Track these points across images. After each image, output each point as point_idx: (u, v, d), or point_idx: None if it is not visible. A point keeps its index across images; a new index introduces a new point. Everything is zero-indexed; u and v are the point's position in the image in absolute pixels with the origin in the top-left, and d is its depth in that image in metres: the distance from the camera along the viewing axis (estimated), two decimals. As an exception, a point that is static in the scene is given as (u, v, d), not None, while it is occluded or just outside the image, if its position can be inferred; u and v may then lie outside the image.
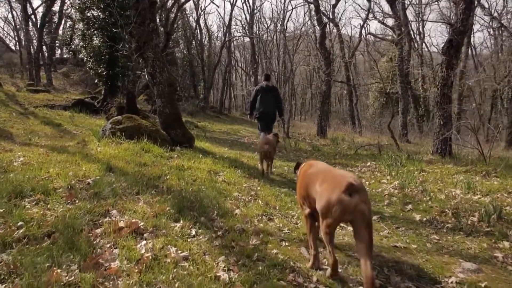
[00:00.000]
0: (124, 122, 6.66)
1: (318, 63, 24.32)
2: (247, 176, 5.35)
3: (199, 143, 8.63)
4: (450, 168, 7.23)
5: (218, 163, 5.84)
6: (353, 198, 2.19)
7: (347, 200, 2.18)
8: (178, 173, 4.62)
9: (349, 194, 2.20)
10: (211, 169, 5.23)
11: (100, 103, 15.93)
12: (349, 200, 2.18)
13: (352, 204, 2.17)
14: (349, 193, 2.20)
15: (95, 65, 15.41)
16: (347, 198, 2.18)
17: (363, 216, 2.18)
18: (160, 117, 7.22)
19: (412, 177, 6.27)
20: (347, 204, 2.18)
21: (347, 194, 2.20)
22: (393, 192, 5.44)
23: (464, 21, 9.17)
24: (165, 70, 7.04)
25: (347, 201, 2.18)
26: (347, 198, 2.18)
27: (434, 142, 9.86)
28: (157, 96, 7.11)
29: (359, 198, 2.20)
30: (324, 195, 2.31)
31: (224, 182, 4.69)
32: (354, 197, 2.19)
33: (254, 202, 3.99)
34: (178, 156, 6.06)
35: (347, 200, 2.18)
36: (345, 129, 22.92)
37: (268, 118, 8.30)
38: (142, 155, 5.58)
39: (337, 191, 2.22)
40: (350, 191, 2.20)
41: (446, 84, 9.44)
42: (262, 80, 8.84)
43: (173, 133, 7.15)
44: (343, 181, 2.26)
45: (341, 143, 13.28)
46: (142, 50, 6.84)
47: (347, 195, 2.19)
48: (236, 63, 45.40)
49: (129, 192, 3.57)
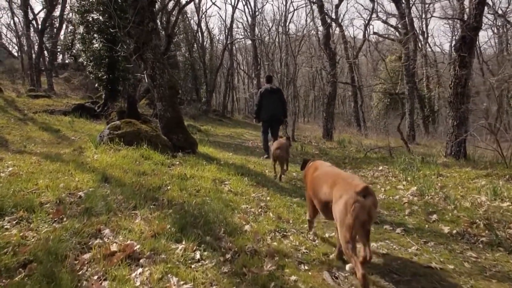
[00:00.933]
0: (122, 128, 6.29)
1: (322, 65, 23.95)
2: (255, 184, 4.95)
3: (202, 148, 8.25)
4: (469, 172, 6.80)
5: (223, 170, 5.44)
6: (367, 200, 2.30)
7: (363, 201, 2.28)
8: (180, 183, 4.22)
9: (364, 196, 2.30)
10: (216, 178, 4.83)
11: (100, 108, 15.62)
12: (364, 201, 2.28)
13: (367, 204, 2.28)
14: (363, 195, 2.30)
15: (95, 69, 15.10)
16: (363, 200, 2.29)
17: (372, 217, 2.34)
18: (161, 121, 6.84)
19: (430, 182, 5.86)
20: (364, 205, 2.27)
21: (361, 196, 2.29)
22: (412, 199, 5.02)
23: (477, 16, 8.78)
24: (166, 72, 6.66)
25: (363, 202, 2.28)
26: (363, 200, 2.28)
27: (447, 143, 9.44)
28: (158, 99, 6.73)
29: (372, 199, 2.33)
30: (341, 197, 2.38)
31: (231, 192, 4.30)
32: (368, 199, 2.31)
33: (265, 215, 3.59)
34: (180, 163, 5.67)
35: (363, 201, 2.28)
36: (350, 131, 22.49)
37: (275, 121, 8.24)
38: (142, 163, 5.19)
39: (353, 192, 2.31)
40: (365, 193, 2.31)
41: (460, 83, 9.03)
42: (264, 82, 8.80)
43: (174, 138, 6.77)
44: (358, 184, 2.36)
45: (348, 146, 12.87)
46: (141, 51, 6.47)
47: (362, 197, 2.29)
48: (238, 66, 45.12)
49: (125, 207, 3.18)
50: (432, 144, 16.90)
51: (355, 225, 2.25)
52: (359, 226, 2.26)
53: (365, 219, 2.27)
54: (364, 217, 2.26)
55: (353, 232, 2.27)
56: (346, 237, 2.27)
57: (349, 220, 2.26)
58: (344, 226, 2.29)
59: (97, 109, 15.59)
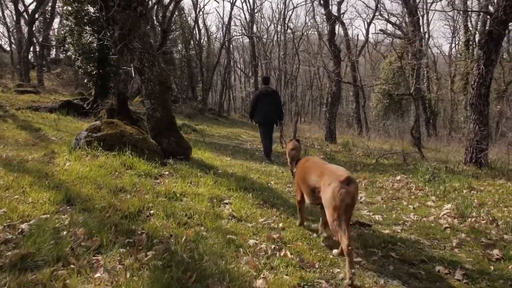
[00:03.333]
0: (103, 129, 5.32)
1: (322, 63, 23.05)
2: (261, 203, 4.00)
3: (197, 152, 7.29)
4: (505, 186, 5.92)
5: (221, 183, 4.50)
6: (350, 187, 2.63)
7: (347, 188, 2.62)
8: (166, 205, 3.27)
9: (347, 184, 2.63)
10: (213, 195, 3.87)
11: (90, 105, 14.61)
12: (348, 188, 2.62)
13: (351, 191, 2.63)
14: (347, 183, 2.63)
15: (84, 63, 14.07)
16: (347, 187, 2.62)
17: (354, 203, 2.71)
18: (149, 122, 5.87)
19: (465, 199, 4.96)
20: (348, 191, 2.61)
21: (346, 184, 2.62)
22: (452, 222, 4.11)
23: (507, 8, 7.89)
24: (156, 64, 5.70)
25: (347, 189, 2.61)
26: (347, 187, 2.62)
27: (467, 150, 8.57)
28: (146, 96, 5.77)
29: (354, 186, 2.67)
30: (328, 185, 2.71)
31: (233, 217, 3.34)
32: (351, 186, 2.64)
33: (280, 254, 2.65)
34: (169, 174, 4.72)
35: (347, 188, 2.62)
36: (351, 132, 21.63)
37: (270, 123, 8.26)
38: (122, 174, 4.24)
39: (338, 181, 2.64)
40: (348, 182, 2.64)
41: (484, 83, 8.16)
42: (261, 83, 8.82)
43: (165, 142, 5.81)
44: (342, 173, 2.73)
45: (354, 149, 11.96)
46: (127, 40, 5.50)
47: (346, 185, 2.62)
48: (235, 64, 44.10)
49: (85, 248, 2.23)
50: (439, 147, 16.06)
51: (341, 206, 2.61)
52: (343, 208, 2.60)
53: (349, 202, 2.63)
54: (348, 200, 2.63)
55: (339, 212, 2.60)
56: (333, 217, 2.63)
57: (336, 203, 2.62)
58: (332, 208, 2.65)
59: (86, 106, 14.60)
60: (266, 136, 8.30)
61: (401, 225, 4.05)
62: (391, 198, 5.27)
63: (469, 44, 25.50)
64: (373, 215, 4.36)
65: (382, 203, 5.03)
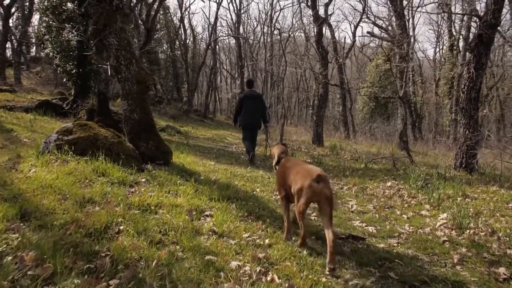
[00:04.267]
0: (75, 132, 4.90)
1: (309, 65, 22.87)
2: (246, 215, 3.64)
3: (180, 156, 6.91)
4: (498, 193, 5.72)
5: (203, 192, 4.13)
6: (319, 184, 2.82)
7: (315, 185, 2.82)
8: (139, 220, 2.88)
9: (317, 182, 2.82)
10: (192, 206, 3.49)
11: (69, 105, 14.02)
12: (316, 185, 2.82)
13: (319, 188, 2.82)
14: (317, 181, 2.82)
15: (63, 62, 13.49)
16: (316, 184, 2.82)
17: (326, 197, 2.86)
18: (127, 124, 5.47)
19: (460, 207, 4.72)
20: (315, 188, 2.82)
21: (315, 181, 2.82)
22: (450, 234, 3.85)
23: (496, 12, 7.78)
24: (134, 62, 5.30)
25: (315, 186, 2.82)
26: (315, 184, 2.82)
27: (457, 154, 8.41)
28: (123, 96, 5.37)
29: (324, 184, 2.85)
30: (299, 182, 2.94)
31: (214, 233, 2.98)
32: (320, 184, 2.83)
33: (267, 279, 2.30)
34: (146, 181, 4.33)
35: (315, 185, 2.82)
36: (338, 135, 21.49)
37: (253, 127, 8.25)
38: (93, 182, 3.84)
39: (309, 179, 2.85)
40: (318, 180, 2.83)
41: (474, 87, 8.00)
42: (245, 87, 8.82)
43: (143, 146, 5.42)
44: (313, 172, 2.91)
45: (342, 153, 11.72)
46: (101, 36, 5.10)
47: (315, 182, 2.82)
48: (221, 66, 43.69)
49: (30, 280, 1.85)
50: (425, 151, 15.96)
51: (307, 202, 2.85)
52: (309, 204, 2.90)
53: (317, 199, 2.85)
54: (315, 197, 2.83)
55: (305, 207, 2.86)
56: (300, 210, 2.86)
57: (304, 198, 2.84)
58: (300, 202, 2.86)
59: (65, 106, 13.99)
60: (250, 140, 8.27)
61: (397, 237, 3.76)
62: (383, 207, 4.99)
63: (453, 49, 25.72)
64: (366, 226, 4.06)
65: (374, 212, 4.74)
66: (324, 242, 3.23)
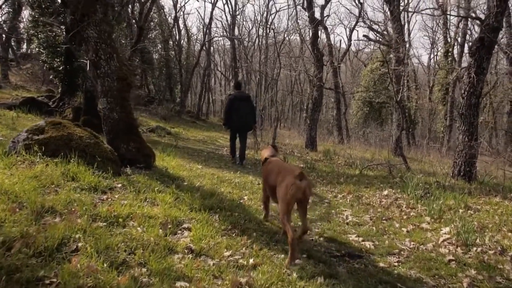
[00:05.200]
0: (47, 131, 4.47)
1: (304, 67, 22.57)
2: (229, 228, 3.23)
3: (165, 159, 6.50)
4: (501, 204, 5.38)
5: (183, 201, 3.72)
6: (302, 182, 2.94)
7: (299, 183, 2.91)
8: (102, 235, 2.46)
9: (300, 179, 2.93)
10: (169, 218, 3.08)
11: (56, 103, 13.50)
12: (300, 183, 2.92)
13: (302, 186, 2.93)
14: (299, 179, 2.93)
15: (50, 58, 13.01)
16: (299, 182, 2.92)
17: (306, 196, 3.03)
18: (105, 124, 5.04)
19: (464, 220, 4.37)
20: (299, 186, 2.91)
21: (298, 179, 2.92)
22: (455, 252, 3.48)
23: (498, 15, 7.49)
24: (115, 57, 4.89)
25: (299, 184, 2.91)
26: (299, 182, 2.92)
27: (455, 162, 8.08)
28: (102, 94, 4.95)
29: (306, 182, 2.98)
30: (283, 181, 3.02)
31: (189, 250, 2.57)
32: (303, 182, 2.95)
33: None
34: (122, 187, 3.91)
35: (299, 183, 2.91)
36: (332, 140, 21.18)
37: (244, 128, 8.25)
38: (61, 188, 3.42)
39: (292, 177, 2.95)
40: (301, 177, 2.94)
41: (475, 93, 7.70)
42: (233, 89, 8.91)
43: (123, 148, 5.00)
44: (296, 170, 3.02)
45: (336, 158, 11.37)
46: (79, 27, 4.68)
47: (299, 180, 2.92)
48: (216, 67, 43.26)
49: None
50: (420, 157, 15.67)
51: (291, 201, 2.95)
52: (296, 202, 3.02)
53: (300, 197, 2.97)
54: (299, 195, 2.95)
55: (290, 207, 2.97)
56: (284, 210, 2.93)
57: (288, 197, 2.92)
58: (284, 202, 2.95)
59: (51, 104, 13.48)
60: (241, 142, 8.30)
61: (397, 255, 3.39)
62: (380, 218, 4.62)
63: (448, 55, 25.60)
64: (363, 241, 3.68)
65: (371, 224, 4.37)
66: (316, 262, 2.88)
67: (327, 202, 5.42)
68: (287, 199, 2.91)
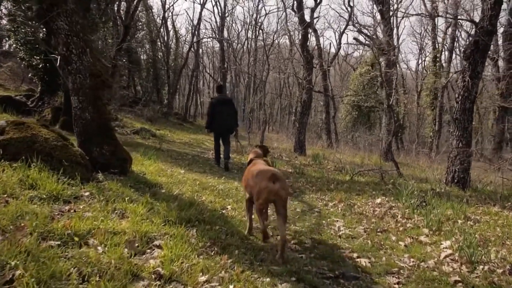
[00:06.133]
0: (7, 132, 4.00)
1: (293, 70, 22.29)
2: (208, 245, 2.82)
3: (145, 163, 6.06)
4: (502, 215, 5.09)
5: (158, 212, 3.29)
6: (275, 185, 3.00)
7: (271, 186, 2.99)
8: (49, 259, 2.05)
9: (273, 182, 3.01)
10: (137, 234, 2.66)
11: (35, 103, 12.88)
12: (273, 185, 2.99)
13: (275, 188, 2.99)
14: (272, 181, 3.01)
15: (28, 55, 12.39)
16: (272, 184, 3.00)
17: (281, 197, 3.03)
18: (77, 125, 4.59)
19: (465, 233, 4.04)
20: (271, 189, 2.99)
21: (271, 181, 3.01)
22: (460, 271, 3.14)
23: (492, 18, 7.27)
24: (88, 52, 4.46)
25: (271, 186, 2.99)
26: (271, 184, 3.00)
27: (448, 168, 7.81)
28: (73, 91, 4.50)
29: (279, 184, 3.02)
30: (257, 184, 3.10)
31: (158, 276, 2.16)
32: (276, 184, 3.01)
33: None
34: (90, 196, 3.48)
35: (271, 186, 2.99)
36: (321, 144, 20.90)
37: (226, 131, 8.22)
38: (15, 197, 2.97)
39: (265, 180, 3.04)
40: (273, 180, 3.02)
41: (469, 97, 7.45)
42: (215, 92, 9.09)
43: (95, 151, 4.55)
44: (269, 173, 3.10)
45: (325, 163, 11.03)
46: (47, 18, 4.24)
47: (271, 182, 3.00)
48: (204, 69, 42.73)
49: None
50: (409, 162, 15.46)
51: (264, 203, 3.07)
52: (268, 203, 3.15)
53: (273, 198, 3.02)
54: (272, 197, 3.01)
55: (263, 206, 3.10)
56: (259, 209, 3.10)
57: (262, 198, 3.03)
58: (258, 203, 3.07)
59: (30, 103, 12.85)
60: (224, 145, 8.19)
61: (396, 274, 3.03)
62: (375, 230, 4.27)
63: (436, 61, 25.64)
64: (358, 257, 3.31)
65: (365, 237, 4.01)
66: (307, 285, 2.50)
67: (317, 211, 5.06)
68: (260, 203, 3.05)
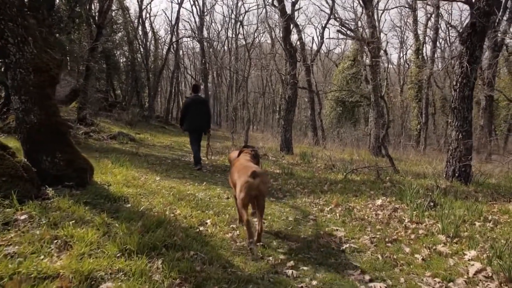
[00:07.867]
0: None
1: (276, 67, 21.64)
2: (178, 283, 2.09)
3: (114, 171, 5.28)
4: (521, 212, 4.51)
5: (114, 238, 2.53)
6: (255, 180, 3.13)
7: (252, 181, 3.12)
8: None
9: (253, 177, 3.12)
10: (76, 276, 1.94)
11: (-2, 109, 11.88)
12: (253, 181, 3.12)
13: (255, 184, 3.12)
14: (253, 177, 3.12)
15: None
16: (252, 180, 3.12)
17: (261, 192, 3.20)
18: (20, 130, 3.80)
19: (489, 238, 3.42)
20: (252, 184, 3.12)
21: (251, 177, 3.12)
22: (499, 292, 2.51)
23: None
24: (30, 41, 3.69)
25: (251, 182, 3.12)
26: (251, 180, 3.12)
27: (448, 162, 7.25)
28: (13, 90, 3.72)
29: (260, 180, 3.15)
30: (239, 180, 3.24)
31: None
32: (256, 179, 3.13)
33: None
34: (28, 219, 2.71)
35: (252, 181, 3.12)
36: (307, 141, 20.30)
37: (199, 131, 8.31)
38: None
39: (246, 176, 3.16)
40: (254, 176, 3.13)
41: (468, 84, 6.89)
42: (191, 91, 9.01)
43: (46, 161, 3.77)
44: (249, 169, 3.22)
45: (314, 161, 10.38)
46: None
47: (252, 178, 3.12)
48: (186, 71, 41.76)
49: None
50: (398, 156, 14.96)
51: (246, 197, 3.13)
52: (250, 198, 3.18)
53: (255, 193, 3.15)
54: (253, 192, 3.14)
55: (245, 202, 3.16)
56: (240, 204, 3.19)
57: (243, 193, 3.13)
58: (240, 198, 3.17)
59: (-8, 110, 11.85)
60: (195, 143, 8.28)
61: (423, 303, 2.37)
62: (384, 240, 3.60)
63: (419, 52, 25.41)
64: (370, 281, 2.64)
65: (373, 250, 3.35)
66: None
67: (312, 219, 4.37)
68: (243, 196, 3.13)
